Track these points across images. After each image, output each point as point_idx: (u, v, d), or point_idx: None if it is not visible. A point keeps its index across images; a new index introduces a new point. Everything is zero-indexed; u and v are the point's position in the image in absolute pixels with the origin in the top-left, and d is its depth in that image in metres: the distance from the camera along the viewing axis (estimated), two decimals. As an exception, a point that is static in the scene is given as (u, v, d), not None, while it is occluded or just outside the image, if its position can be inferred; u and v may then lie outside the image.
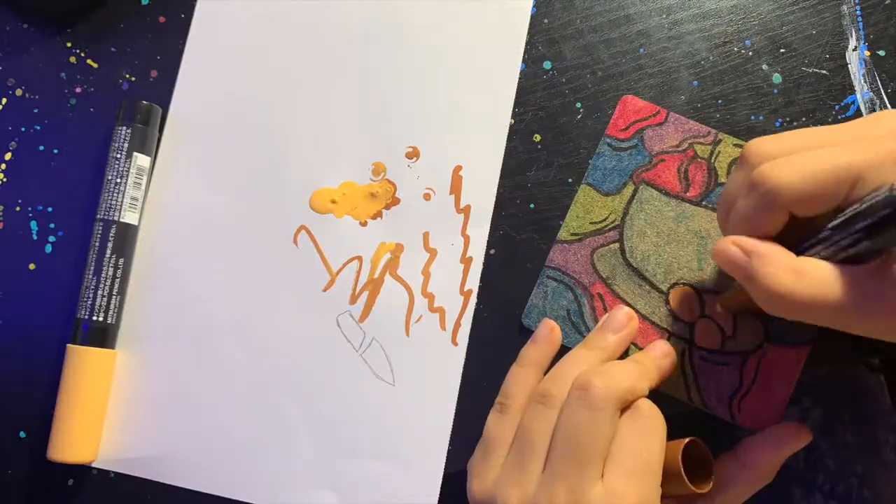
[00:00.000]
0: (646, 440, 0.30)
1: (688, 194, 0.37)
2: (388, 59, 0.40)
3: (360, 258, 0.38)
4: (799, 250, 0.28)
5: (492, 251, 0.38)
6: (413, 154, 0.39)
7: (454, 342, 0.37)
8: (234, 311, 0.38)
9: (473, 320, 0.38)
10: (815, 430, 0.36)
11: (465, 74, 0.39)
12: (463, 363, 0.37)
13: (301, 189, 0.39)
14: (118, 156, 0.37)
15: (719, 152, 0.37)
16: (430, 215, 0.38)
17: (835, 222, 0.26)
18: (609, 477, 0.29)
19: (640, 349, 0.36)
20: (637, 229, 0.37)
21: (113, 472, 0.37)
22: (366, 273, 0.38)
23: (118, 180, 0.37)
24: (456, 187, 0.38)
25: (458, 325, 0.37)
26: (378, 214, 0.38)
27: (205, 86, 0.40)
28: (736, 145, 0.37)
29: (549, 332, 0.36)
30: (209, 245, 0.39)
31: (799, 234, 0.28)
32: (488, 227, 0.38)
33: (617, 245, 0.37)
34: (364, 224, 0.38)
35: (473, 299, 0.38)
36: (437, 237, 0.38)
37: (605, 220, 0.37)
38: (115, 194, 0.37)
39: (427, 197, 0.39)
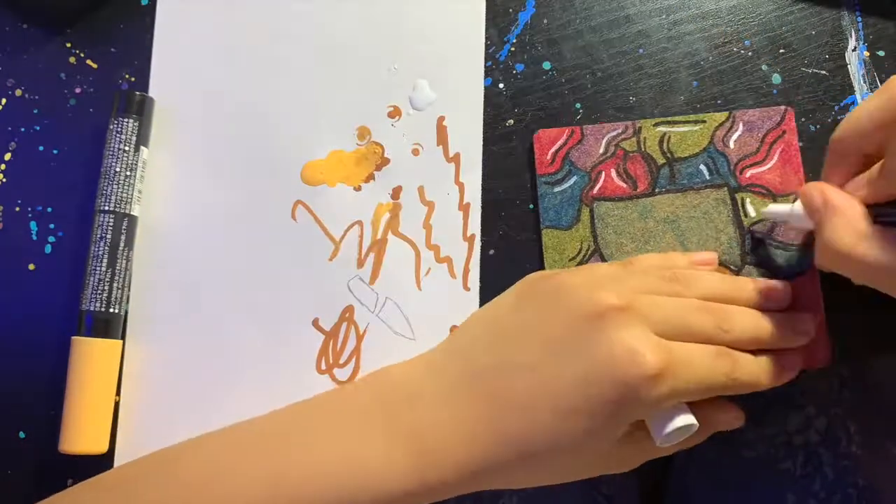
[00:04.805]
0: (716, 375, 0.30)
1: (638, 190, 0.37)
2: (355, 22, 0.40)
3: (360, 222, 0.39)
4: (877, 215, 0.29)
5: (491, 251, 0.38)
6: (395, 113, 0.39)
7: (465, 287, 0.38)
8: (242, 294, 0.38)
9: (481, 264, 0.38)
10: (818, 439, 0.36)
11: (433, 24, 0.40)
12: (478, 306, 0.38)
13: (291, 165, 0.39)
14: (126, 148, 0.38)
15: (645, 139, 0.38)
16: (422, 169, 0.39)
17: None
18: (671, 343, 0.29)
19: None
20: (613, 244, 0.37)
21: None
22: (368, 236, 0.38)
23: (128, 173, 0.38)
24: (442, 138, 0.39)
25: (466, 270, 0.38)
26: (370, 177, 0.39)
27: (179, 73, 0.40)
28: (655, 125, 0.38)
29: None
30: (208, 232, 0.39)
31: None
32: (480, 172, 0.39)
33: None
34: (358, 189, 0.39)
35: (478, 243, 0.38)
36: (432, 189, 0.39)
37: (580, 251, 0.37)
38: (125, 187, 0.38)
39: (415, 152, 0.39)
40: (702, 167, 0.37)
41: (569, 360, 0.29)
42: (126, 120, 0.38)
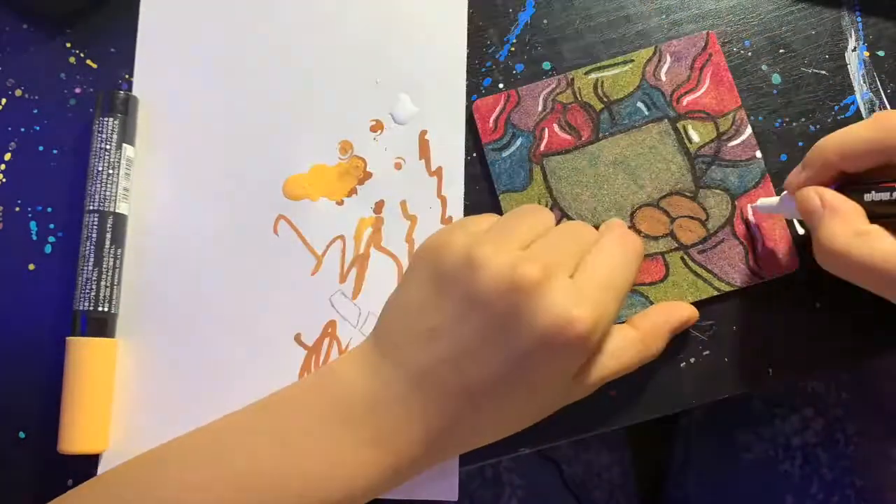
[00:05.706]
0: (626, 267, 0.31)
1: (583, 139, 0.38)
2: (339, 37, 0.40)
3: (342, 237, 0.38)
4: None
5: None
6: (377, 127, 0.39)
7: None
8: (224, 308, 0.38)
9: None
10: (815, 441, 0.36)
11: (415, 39, 0.40)
12: None
13: (272, 179, 0.39)
14: (108, 147, 0.38)
15: (579, 88, 0.38)
16: (404, 183, 0.39)
17: None
18: (580, 278, 0.30)
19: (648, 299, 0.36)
20: (569, 196, 0.38)
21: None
22: (351, 250, 0.38)
23: (110, 171, 0.38)
24: (424, 152, 0.39)
25: None
26: (353, 191, 0.39)
27: (162, 82, 0.40)
28: (587, 73, 0.38)
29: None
30: (192, 243, 0.39)
31: None
32: (462, 185, 0.39)
33: (565, 220, 0.37)
34: (340, 203, 0.39)
35: None
36: (415, 203, 0.39)
37: None
38: (108, 185, 0.37)
39: (398, 166, 0.39)
40: (639, 104, 0.38)
41: (506, 340, 0.29)
42: (107, 119, 0.38)
